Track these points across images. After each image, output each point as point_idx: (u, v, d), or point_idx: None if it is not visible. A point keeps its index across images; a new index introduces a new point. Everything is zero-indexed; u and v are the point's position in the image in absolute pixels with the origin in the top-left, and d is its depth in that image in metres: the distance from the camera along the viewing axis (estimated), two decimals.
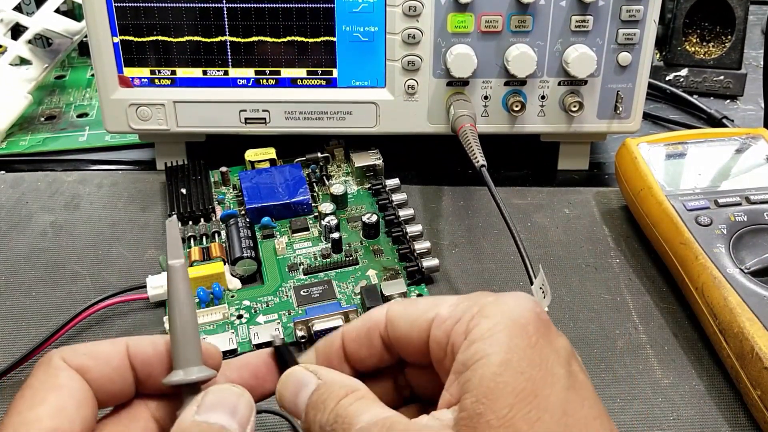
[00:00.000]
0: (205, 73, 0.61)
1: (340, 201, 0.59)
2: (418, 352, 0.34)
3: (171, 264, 0.33)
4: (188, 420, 0.31)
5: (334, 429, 0.31)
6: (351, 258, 0.55)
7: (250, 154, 0.63)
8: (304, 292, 0.52)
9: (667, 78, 0.78)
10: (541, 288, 0.47)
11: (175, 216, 0.34)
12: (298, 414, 0.33)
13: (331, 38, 0.60)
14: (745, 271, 0.48)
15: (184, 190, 0.60)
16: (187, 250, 0.55)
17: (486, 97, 0.61)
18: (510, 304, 0.32)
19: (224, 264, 0.54)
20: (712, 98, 0.78)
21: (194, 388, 0.33)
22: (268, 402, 0.36)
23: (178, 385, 0.33)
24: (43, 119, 0.74)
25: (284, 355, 0.35)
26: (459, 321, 0.32)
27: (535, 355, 0.30)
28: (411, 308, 0.34)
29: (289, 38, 0.60)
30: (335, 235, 0.55)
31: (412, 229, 0.56)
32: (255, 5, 0.58)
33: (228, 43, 0.60)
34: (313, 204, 0.60)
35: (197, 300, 0.51)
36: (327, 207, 0.58)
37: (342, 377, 0.34)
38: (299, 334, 0.49)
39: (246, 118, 0.62)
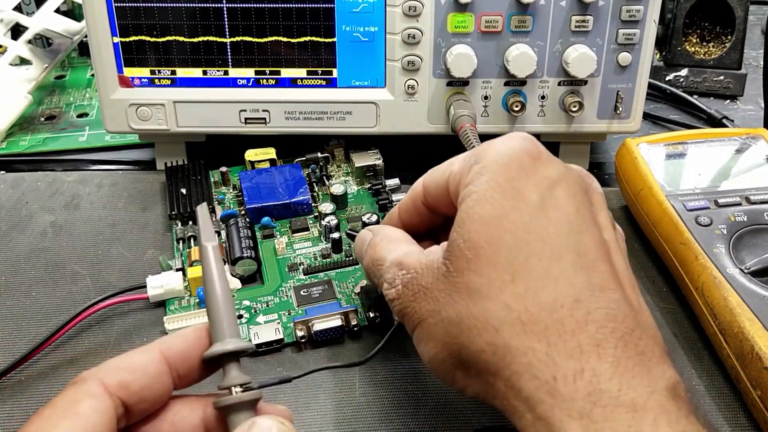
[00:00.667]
0: (205, 73, 0.61)
1: (340, 201, 0.59)
2: (450, 207, 0.38)
3: (205, 245, 0.35)
4: None
5: (373, 269, 0.41)
6: (351, 258, 0.55)
7: (250, 154, 0.63)
8: (304, 292, 0.52)
9: (667, 78, 0.78)
10: None
11: (205, 203, 0.37)
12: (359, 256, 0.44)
13: (331, 38, 0.60)
14: (745, 271, 0.48)
15: (184, 190, 0.60)
16: (187, 250, 0.55)
17: (486, 97, 0.61)
18: (498, 145, 0.37)
19: (224, 264, 0.54)
20: (712, 98, 0.78)
21: (233, 360, 0.34)
22: None
23: (219, 357, 0.34)
24: (43, 119, 0.74)
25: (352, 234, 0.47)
26: (462, 172, 0.37)
27: (510, 186, 0.35)
28: (436, 172, 0.40)
29: (289, 38, 0.60)
30: (335, 235, 0.55)
31: None
32: (255, 5, 0.58)
33: (228, 43, 0.60)
34: (313, 204, 0.60)
35: (197, 300, 0.51)
36: (327, 207, 0.58)
37: (389, 229, 0.43)
38: (299, 334, 0.49)
39: (246, 118, 0.62)
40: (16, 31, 0.75)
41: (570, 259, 0.33)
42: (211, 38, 0.60)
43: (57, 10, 0.77)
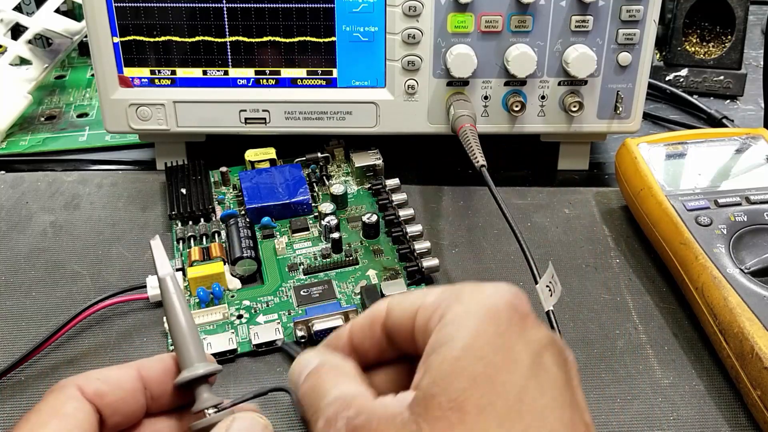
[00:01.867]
0: (205, 73, 0.61)
1: (340, 201, 0.59)
2: (410, 342, 0.34)
3: (161, 276, 0.36)
4: None
5: (310, 400, 0.33)
6: (351, 258, 0.55)
7: (250, 154, 0.63)
8: (304, 292, 0.52)
9: (667, 78, 0.78)
10: (548, 286, 0.47)
11: (157, 236, 0.38)
12: (297, 385, 0.35)
13: (331, 38, 0.60)
14: (745, 271, 0.48)
15: (184, 190, 0.60)
16: (187, 250, 0.55)
17: (486, 97, 0.61)
18: (486, 293, 0.32)
19: (224, 264, 0.54)
20: (712, 98, 0.78)
21: (203, 383, 0.35)
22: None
23: (190, 382, 0.35)
24: (43, 119, 0.74)
25: (290, 352, 0.39)
26: (437, 308, 0.32)
27: (501, 342, 0.30)
28: (405, 298, 0.35)
29: (289, 38, 0.60)
30: (335, 235, 0.55)
31: (412, 229, 0.56)
32: (255, 5, 0.58)
33: (228, 43, 0.60)
34: (313, 204, 0.60)
35: (197, 300, 0.51)
36: (327, 207, 0.58)
37: (339, 359, 0.35)
38: (299, 334, 0.49)
39: (246, 118, 0.62)
40: (16, 31, 0.75)
41: None
42: (211, 38, 0.60)
43: (57, 10, 0.77)
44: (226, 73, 0.61)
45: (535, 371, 0.30)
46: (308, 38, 0.60)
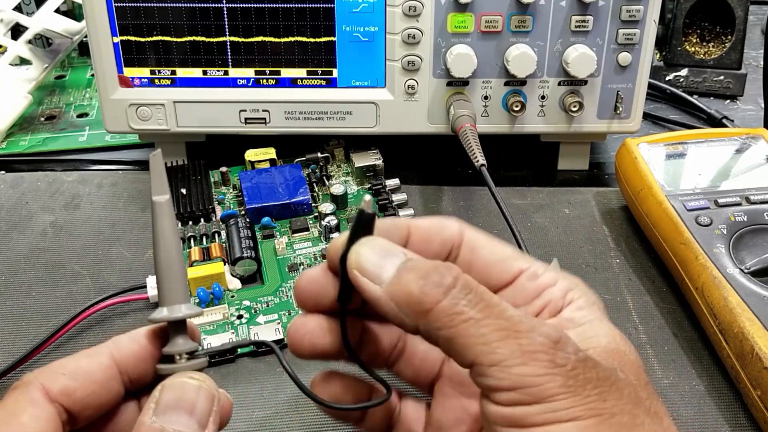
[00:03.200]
0: (205, 73, 0.61)
1: (340, 201, 0.59)
2: (487, 281, 0.32)
3: (155, 200, 0.32)
4: (146, 424, 0.29)
5: (467, 294, 0.28)
6: None
7: (250, 154, 0.63)
8: None
9: (667, 78, 0.78)
10: None
11: (159, 150, 0.33)
12: (380, 278, 0.30)
13: (331, 38, 0.60)
14: (745, 271, 0.48)
15: (184, 190, 0.60)
16: (187, 250, 0.55)
17: (486, 97, 0.61)
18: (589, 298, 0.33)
19: (224, 264, 0.54)
20: (712, 98, 0.78)
21: (181, 327, 0.32)
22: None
23: (165, 324, 0.32)
24: (43, 119, 0.74)
25: (369, 223, 0.31)
26: (555, 286, 0.32)
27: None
28: (497, 246, 0.34)
29: (289, 38, 0.59)
30: (335, 235, 0.55)
31: None
32: (255, 5, 0.58)
33: (228, 43, 0.60)
34: (313, 204, 0.60)
35: (197, 301, 0.51)
36: (327, 207, 0.58)
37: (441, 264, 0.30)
38: None
39: (246, 118, 0.62)
40: (16, 31, 0.75)
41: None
42: (211, 38, 0.59)
43: (57, 10, 0.77)
44: (226, 73, 0.61)
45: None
46: (308, 38, 0.60)
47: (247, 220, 0.57)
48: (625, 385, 0.28)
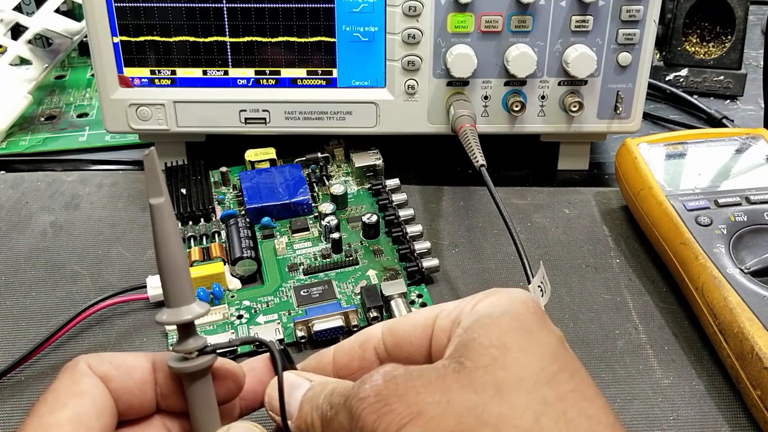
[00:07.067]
0: (205, 73, 0.61)
1: (340, 201, 0.59)
2: (417, 351, 0.34)
3: (153, 203, 0.31)
4: None
5: (341, 409, 0.30)
6: (351, 258, 0.55)
7: (250, 154, 0.63)
8: (304, 292, 0.52)
9: (667, 78, 0.78)
10: (539, 286, 0.47)
11: (153, 149, 0.31)
12: (290, 413, 0.33)
13: (331, 38, 0.60)
14: (745, 271, 0.48)
15: (184, 190, 0.60)
16: (188, 250, 0.55)
17: (486, 97, 0.61)
18: (510, 292, 0.33)
19: (224, 264, 0.54)
20: (712, 98, 0.78)
21: (190, 326, 0.33)
22: None
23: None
24: (43, 119, 0.74)
25: (280, 360, 0.34)
26: (465, 306, 0.33)
27: (534, 318, 0.31)
28: (412, 314, 0.35)
29: (289, 38, 0.60)
30: (335, 235, 0.55)
31: (412, 229, 0.56)
32: (255, 5, 0.58)
33: (228, 43, 0.60)
34: (313, 204, 0.60)
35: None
36: (327, 207, 0.58)
37: (332, 379, 0.34)
38: (299, 334, 0.49)
39: (246, 118, 0.62)
40: (16, 31, 0.75)
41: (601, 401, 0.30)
42: (211, 38, 0.59)
43: (57, 10, 0.77)
44: (226, 73, 0.61)
45: (564, 346, 0.31)
46: (308, 38, 0.60)
47: (247, 220, 0.57)
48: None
